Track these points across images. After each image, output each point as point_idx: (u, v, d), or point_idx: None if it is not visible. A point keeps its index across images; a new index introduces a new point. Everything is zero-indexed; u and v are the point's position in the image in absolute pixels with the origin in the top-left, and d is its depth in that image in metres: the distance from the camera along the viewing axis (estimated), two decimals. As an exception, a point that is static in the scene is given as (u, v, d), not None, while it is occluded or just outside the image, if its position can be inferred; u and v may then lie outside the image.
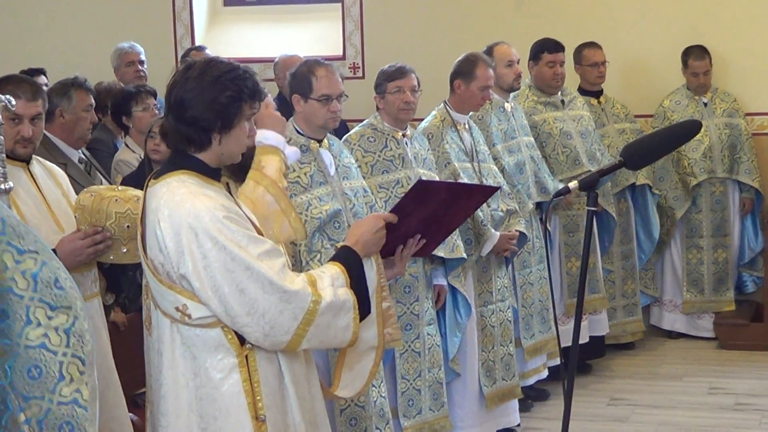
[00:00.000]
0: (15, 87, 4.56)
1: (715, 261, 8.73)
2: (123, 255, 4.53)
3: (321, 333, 3.61)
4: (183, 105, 3.57)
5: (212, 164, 3.67)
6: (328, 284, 3.64)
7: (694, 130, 3.85)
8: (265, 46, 9.76)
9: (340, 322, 3.65)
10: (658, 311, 8.95)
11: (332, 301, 3.61)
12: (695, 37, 8.72)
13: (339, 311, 3.64)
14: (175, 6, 9.94)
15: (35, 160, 4.69)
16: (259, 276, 3.49)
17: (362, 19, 9.56)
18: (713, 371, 8.00)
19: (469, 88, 6.67)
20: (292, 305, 3.53)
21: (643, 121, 8.82)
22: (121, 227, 4.45)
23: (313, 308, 3.56)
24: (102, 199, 4.45)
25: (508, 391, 6.75)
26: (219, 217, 3.49)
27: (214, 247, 3.46)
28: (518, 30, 8.75)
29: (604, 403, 7.42)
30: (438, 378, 6.20)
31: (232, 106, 3.58)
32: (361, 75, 9.45)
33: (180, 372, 3.62)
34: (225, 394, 3.59)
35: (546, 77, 7.89)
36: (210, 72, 3.58)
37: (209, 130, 3.59)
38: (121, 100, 7.09)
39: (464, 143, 6.70)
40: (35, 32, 10.12)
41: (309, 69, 5.33)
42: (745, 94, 8.83)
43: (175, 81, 3.63)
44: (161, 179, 3.64)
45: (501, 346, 6.72)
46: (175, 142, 3.64)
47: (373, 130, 6.13)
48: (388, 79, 6.10)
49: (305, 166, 5.34)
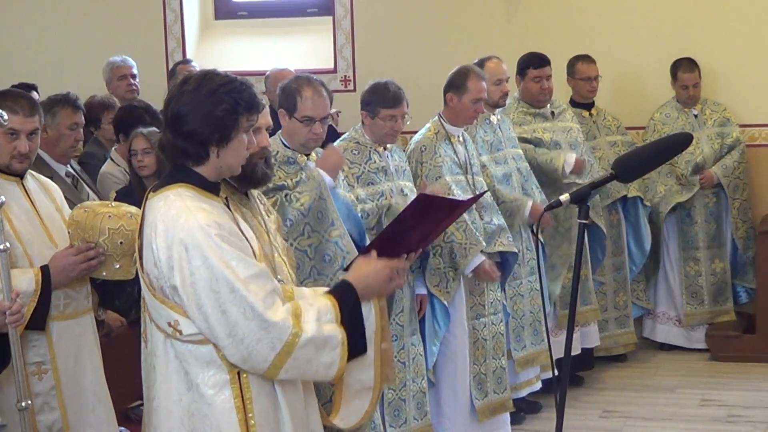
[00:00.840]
0: (13, 102, 4.55)
1: (713, 272, 8.74)
2: (116, 271, 4.53)
3: (301, 366, 3.56)
4: (179, 119, 3.55)
5: (211, 178, 3.64)
6: (314, 318, 3.56)
7: (685, 143, 3.86)
8: (256, 59, 9.76)
9: (324, 358, 3.58)
10: (651, 323, 8.95)
11: (314, 337, 3.54)
12: (684, 49, 8.74)
13: (322, 347, 3.57)
14: (167, 19, 9.95)
15: (29, 175, 4.69)
16: (241, 300, 3.45)
17: (353, 33, 9.58)
18: (706, 383, 7.99)
19: (461, 100, 6.68)
20: (271, 335, 3.48)
21: (635, 133, 8.84)
22: (114, 243, 4.45)
23: (291, 341, 3.50)
24: (96, 215, 4.44)
25: (499, 405, 6.75)
26: (211, 235, 3.46)
27: (202, 264, 3.44)
28: (509, 43, 8.77)
29: (596, 415, 7.42)
30: (421, 388, 6.22)
31: (228, 119, 3.55)
32: (353, 88, 9.46)
33: (173, 386, 3.60)
34: (216, 409, 3.56)
35: (533, 92, 7.89)
36: (206, 85, 3.56)
37: (206, 143, 3.56)
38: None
39: (458, 156, 6.71)
40: (27, 47, 10.12)
41: (297, 87, 5.31)
42: (735, 106, 8.85)
43: (171, 95, 3.61)
44: (159, 192, 3.61)
45: (493, 359, 6.72)
46: (173, 156, 3.62)
47: (356, 143, 6.13)
48: (382, 105, 6.05)
49: (291, 176, 5.33)
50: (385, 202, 6.01)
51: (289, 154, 5.36)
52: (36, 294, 4.39)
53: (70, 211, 4.63)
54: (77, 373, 4.61)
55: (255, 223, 4.11)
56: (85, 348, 4.66)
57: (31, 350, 4.45)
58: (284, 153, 5.34)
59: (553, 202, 3.73)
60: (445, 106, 6.77)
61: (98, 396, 4.71)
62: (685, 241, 8.75)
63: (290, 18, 10.06)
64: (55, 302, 4.49)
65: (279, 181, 5.23)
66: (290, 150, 5.38)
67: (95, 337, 4.77)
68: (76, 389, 4.61)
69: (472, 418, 6.65)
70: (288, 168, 5.30)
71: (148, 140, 6.39)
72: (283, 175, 5.27)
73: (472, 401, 6.62)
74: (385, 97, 6.06)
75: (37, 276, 4.41)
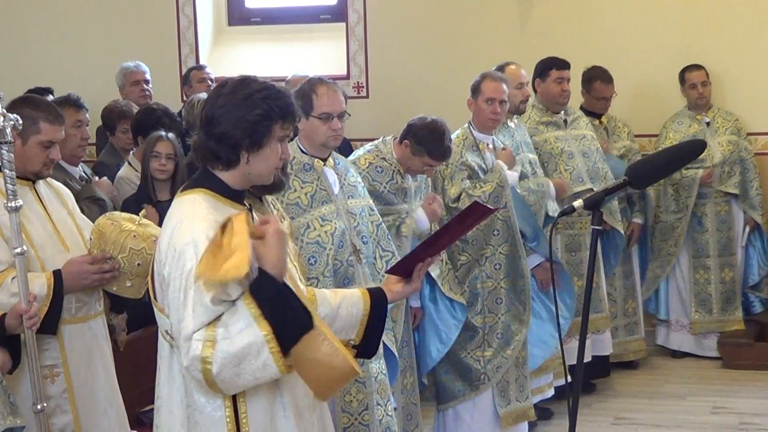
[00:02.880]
0: (48, 113, 4.60)
1: (722, 280, 8.73)
2: (126, 288, 4.55)
3: (234, 381, 3.38)
4: (212, 121, 3.54)
5: (237, 185, 3.62)
6: (222, 337, 3.34)
7: (698, 150, 3.86)
8: (269, 65, 9.77)
9: (252, 365, 3.36)
10: (665, 331, 8.95)
11: (224, 358, 3.33)
12: (695, 58, 8.75)
13: (243, 359, 3.34)
14: (180, 25, 9.97)
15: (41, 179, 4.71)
16: (185, 323, 3.35)
17: (366, 39, 9.59)
18: (717, 391, 7.99)
19: (477, 103, 6.71)
20: (194, 366, 3.36)
21: (647, 140, 8.85)
22: (131, 263, 4.47)
23: (206, 373, 3.34)
24: (121, 231, 4.47)
25: (521, 413, 6.75)
26: (198, 250, 3.39)
27: (180, 276, 3.40)
28: (522, 50, 8.76)
29: (608, 422, 7.41)
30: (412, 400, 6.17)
31: (261, 125, 3.53)
32: (365, 95, 9.47)
33: (176, 388, 3.60)
34: (207, 418, 3.53)
35: (554, 94, 7.90)
36: (242, 90, 3.55)
37: (237, 147, 3.53)
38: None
39: (486, 163, 6.71)
40: (41, 52, 10.16)
41: (311, 86, 5.30)
42: (746, 115, 8.85)
43: (209, 97, 3.61)
44: (182, 194, 3.62)
45: (515, 367, 6.72)
46: (204, 158, 3.61)
47: (381, 159, 6.10)
48: (431, 155, 6.02)
49: (306, 186, 5.30)
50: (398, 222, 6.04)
51: (306, 160, 5.33)
52: (48, 298, 4.41)
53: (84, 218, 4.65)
54: (89, 376, 4.63)
55: (268, 229, 4.12)
56: (96, 351, 4.67)
57: (43, 354, 4.46)
58: (301, 159, 5.31)
59: (567, 208, 3.72)
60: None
61: (110, 399, 4.72)
62: (696, 249, 8.74)
63: (303, 24, 10.06)
64: (66, 306, 4.51)
65: (293, 193, 5.22)
66: (307, 156, 5.35)
67: (107, 341, 4.79)
68: (88, 392, 4.62)
69: (494, 426, 6.66)
70: (304, 176, 5.28)
71: (174, 146, 6.41)
72: (298, 185, 5.26)
73: (494, 409, 6.63)
74: (438, 149, 6.04)
75: (49, 280, 4.42)
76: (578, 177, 7.77)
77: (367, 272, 5.42)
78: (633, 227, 8.55)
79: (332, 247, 5.27)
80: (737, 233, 8.76)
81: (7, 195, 4.28)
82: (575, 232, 7.86)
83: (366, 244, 5.45)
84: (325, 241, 5.25)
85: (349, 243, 5.35)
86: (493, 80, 6.71)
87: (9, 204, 4.27)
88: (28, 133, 4.51)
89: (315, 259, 5.21)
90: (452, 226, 4.02)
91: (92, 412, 4.64)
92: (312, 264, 5.19)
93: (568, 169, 7.77)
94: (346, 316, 3.92)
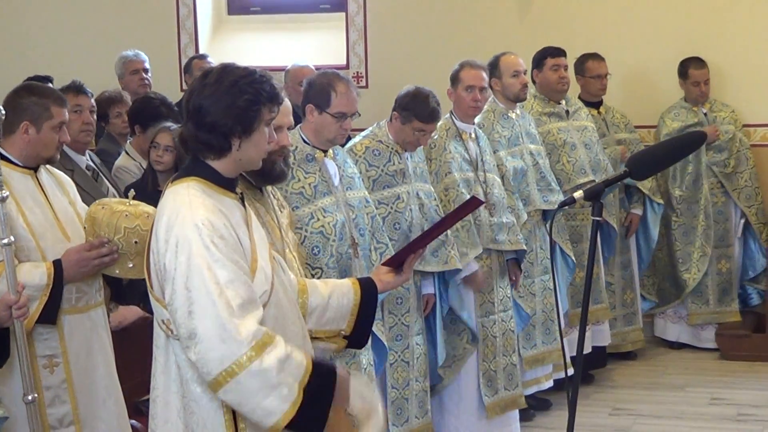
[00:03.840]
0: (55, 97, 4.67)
1: (719, 272, 8.73)
2: (129, 270, 4.54)
3: (241, 394, 3.38)
4: (201, 111, 3.54)
5: (228, 173, 3.62)
6: (277, 358, 3.38)
7: (699, 142, 3.87)
8: (268, 54, 9.77)
9: (267, 402, 3.38)
10: (662, 322, 8.96)
11: (267, 371, 3.36)
12: (693, 49, 8.74)
13: (271, 389, 3.37)
14: (180, 14, 9.96)
15: (43, 168, 4.71)
16: (209, 305, 3.36)
17: (366, 29, 9.58)
18: (715, 382, 8.00)
19: (456, 92, 6.70)
20: (225, 348, 3.35)
21: (646, 131, 8.85)
22: (129, 242, 4.46)
23: (241, 362, 3.35)
24: (113, 213, 4.46)
25: (510, 401, 6.75)
26: (203, 234, 3.41)
27: (185, 261, 3.39)
28: (521, 41, 8.75)
29: (605, 413, 7.42)
30: (424, 387, 6.22)
31: (250, 110, 3.53)
32: (365, 84, 9.46)
33: (172, 378, 3.58)
34: (203, 408, 3.53)
35: (552, 82, 7.90)
36: (227, 77, 3.55)
37: (229, 135, 3.54)
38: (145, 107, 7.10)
39: (469, 153, 6.71)
40: (40, 40, 10.15)
41: (329, 82, 5.26)
42: (743, 107, 8.85)
43: (192, 88, 3.61)
44: (174, 184, 3.61)
45: (503, 356, 6.73)
46: (195, 149, 3.60)
47: (378, 142, 6.11)
48: (418, 117, 6.02)
49: (309, 176, 5.29)
50: (402, 206, 6.01)
51: (308, 151, 5.31)
52: (48, 288, 4.41)
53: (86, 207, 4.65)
54: (88, 366, 4.63)
55: (268, 219, 4.12)
56: (96, 341, 4.68)
57: (42, 343, 4.47)
58: (303, 149, 5.29)
59: (567, 199, 3.71)
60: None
61: (109, 389, 4.73)
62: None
63: (303, 14, 10.06)
64: (66, 296, 4.52)
65: (297, 183, 5.22)
66: (310, 146, 5.33)
67: (107, 331, 4.79)
68: (87, 382, 4.63)
69: (479, 416, 6.65)
70: (307, 166, 5.27)
71: (173, 138, 6.41)
72: (302, 176, 5.25)
73: (480, 398, 6.63)
74: (423, 110, 6.04)
75: (49, 270, 4.43)
76: (581, 168, 7.77)
77: (364, 265, 5.43)
78: (632, 218, 8.54)
79: (335, 238, 5.28)
80: (733, 225, 8.76)
81: (-6, 185, 4.29)
82: (577, 224, 7.88)
83: (363, 237, 5.46)
84: (329, 232, 5.25)
85: (348, 235, 5.36)
86: (472, 68, 6.70)
87: (-4, 194, 4.27)
88: (41, 120, 4.57)
89: (319, 249, 5.21)
90: (447, 219, 4.06)
91: (91, 402, 4.64)
92: (316, 254, 5.19)
93: (571, 160, 7.77)
94: (336, 306, 3.95)
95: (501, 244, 6.67)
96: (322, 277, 5.12)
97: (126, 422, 4.83)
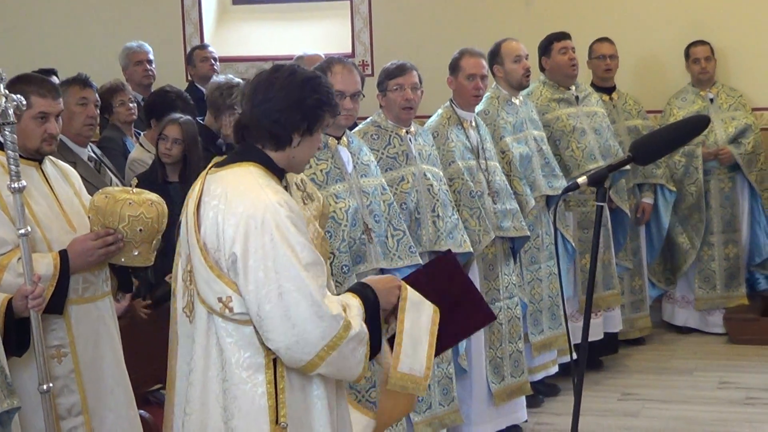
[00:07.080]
0: (39, 86, 4.59)
1: (726, 257, 8.72)
2: (134, 258, 4.55)
3: (340, 361, 3.57)
4: (270, 101, 3.61)
5: (279, 165, 3.71)
6: (356, 314, 3.61)
7: (702, 126, 3.85)
8: (273, 44, 9.77)
9: (357, 354, 3.61)
10: (670, 307, 8.95)
11: (359, 332, 3.58)
12: (701, 34, 8.73)
13: (360, 343, 3.61)
14: (184, 5, 9.96)
15: (47, 160, 4.71)
16: (302, 285, 3.47)
17: (371, 17, 9.58)
18: (723, 366, 7.99)
19: (457, 80, 6.70)
20: (325, 324, 3.49)
21: (653, 116, 8.83)
22: (133, 230, 4.47)
23: (342, 333, 3.53)
24: (116, 201, 4.46)
25: (517, 388, 6.76)
26: (282, 215, 3.50)
27: (269, 242, 3.47)
28: (527, 28, 8.74)
29: (614, 398, 7.43)
30: (447, 373, 6.21)
31: (318, 110, 3.65)
32: (371, 72, 9.45)
33: (212, 362, 3.62)
34: (246, 392, 3.57)
35: (562, 65, 7.87)
36: (299, 75, 3.65)
37: (293, 129, 3.63)
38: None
39: (470, 141, 6.71)
40: (44, 32, 10.15)
41: (327, 65, 5.35)
42: (751, 90, 8.83)
43: (260, 80, 3.68)
44: (225, 168, 3.66)
45: (509, 343, 6.73)
46: (257, 136, 3.67)
47: (376, 127, 6.13)
48: (389, 77, 6.11)
49: (321, 163, 5.35)
50: (407, 187, 6.01)
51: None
52: (54, 278, 4.41)
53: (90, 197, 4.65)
54: (96, 356, 4.63)
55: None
56: (103, 331, 4.68)
57: (50, 334, 4.47)
58: None
59: (571, 184, 3.73)
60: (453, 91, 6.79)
61: (117, 379, 4.73)
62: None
63: (308, 2, 10.07)
64: (73, 286, 4.51)
65: (309, 169, 5.22)
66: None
67: (114, 321, 4.79)
68: (95, 372, 4.62)
69: (488, 403, 6.66)
70: (319, 153, 5.31)
71: (182, 131, 6.41)
72: (314, 162, 5.28)
73: (488, 386, 6.64)
74: (390, 69, 6.13)
75: (55, 260, 4.43)
76: (590, 154, 7.76)
77: (379, 251, 5.48)
78: (643, 207, 8.53)
79: (347, 224, 5.32)
80: (741, 210, 8.75)
81: (11, 176, 4.28)
82: (587, 210, 7.86)
83: (378, 223, 5.50)
84: (341, 218, 5.30)
85: (361, 221, 5.40)
86: (472, 56, 6.71)
87: (12, 185, 4.26)
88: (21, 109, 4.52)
89: (330, 234, 5.25)
90: (420, 276, 4.16)
91: (99, 392, 4.64)
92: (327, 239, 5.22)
93: (581, 146, 7.76)
94: None
95: (506, 231, 6.67)
96: (334, 261, 5.17)
97: (135, 412, 4.84)
